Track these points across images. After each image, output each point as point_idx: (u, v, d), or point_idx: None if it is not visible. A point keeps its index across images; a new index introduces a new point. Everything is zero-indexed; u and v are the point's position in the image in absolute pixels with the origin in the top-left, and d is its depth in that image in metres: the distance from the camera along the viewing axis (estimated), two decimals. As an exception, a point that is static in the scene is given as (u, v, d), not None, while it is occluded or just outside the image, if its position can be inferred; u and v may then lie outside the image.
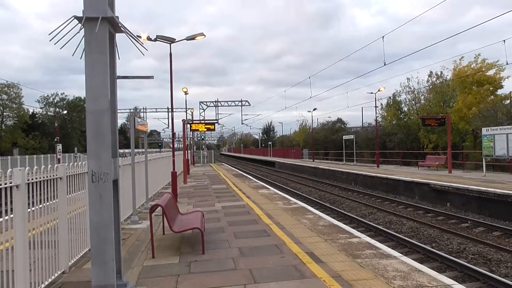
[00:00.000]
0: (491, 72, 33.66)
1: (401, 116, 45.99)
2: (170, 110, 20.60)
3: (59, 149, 42.85)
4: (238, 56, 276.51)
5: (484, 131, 21.06)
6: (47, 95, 76.77)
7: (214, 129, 33.29)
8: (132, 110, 70.48)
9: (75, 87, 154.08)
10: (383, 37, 21.54)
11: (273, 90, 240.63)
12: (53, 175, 5.61)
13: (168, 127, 61.92)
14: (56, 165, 5.81)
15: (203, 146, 66.30)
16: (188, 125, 32.07)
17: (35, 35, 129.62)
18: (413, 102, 44.43)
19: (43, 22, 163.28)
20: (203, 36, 18.06)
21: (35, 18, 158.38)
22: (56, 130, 57.04)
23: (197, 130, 32.40)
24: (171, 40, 17.32)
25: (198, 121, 35.61)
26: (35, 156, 44.88)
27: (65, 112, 70.99)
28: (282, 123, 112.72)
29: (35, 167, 5.13)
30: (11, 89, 63.36)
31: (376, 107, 36.27)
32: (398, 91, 46.12)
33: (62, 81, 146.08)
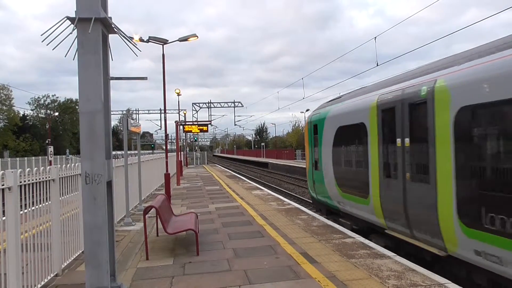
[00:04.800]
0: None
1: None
2: (163, 111, 20.62)
3: (51, 151, 42.46)
4: (235, 57, 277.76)
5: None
6: (38, 97, 76.15)
7: (207, 131, 33.28)
8: (124, 112, 70.09)
9: (70, 88, 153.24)
10: (375, 38, 21.61)
11: (269, 91, 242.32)
12: (46, 177, 5.56)
13: (161, 129, 61.74)
14: (48, 167, 5.76)
15: (196, 148, 66.13)
16: (181, 127, 31.97)
17: (31, 37, 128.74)
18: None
19: (41, 24, 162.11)
20: (196, 37, 18.03)
21: (32, 19, 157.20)
22: (47, 132, 56.53)
23: (190, 131, 32.34)
24: (163, 41, 17.27)
25: (191, 123, 35.51)
26: (26, 158, 44.42)
27: (56, 114, 70.39)
28: (275, 124, 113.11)
29: (28, 169, 5.07)
30: (1, 91, 62.68)
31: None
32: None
33: (57, 83, 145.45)
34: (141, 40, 16.18)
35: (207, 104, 52.14)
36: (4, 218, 4.42)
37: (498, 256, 5.06)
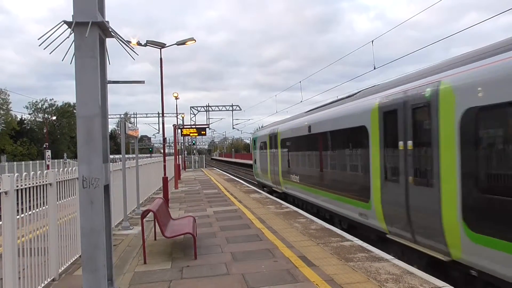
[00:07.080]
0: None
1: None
2: (161, 115, 20.49)
3: (48, 155, 42.38)
4: (235, 61, 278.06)
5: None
6: (36, 101, 76.07)
7: (205, 134, 33.09)
8: (122, 116, 69.95)
9: (69, 92, 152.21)
10: (372, 41, 21.66)
11: (267, 94, 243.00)
12: (43, 181, 5.55)
13: (158, 132, 61.65)
14: (46, 171, 5.74)
15: (194, 151, 66.06)
16: (179, 130, 31.91)
17: (30, 41, 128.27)
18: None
19: (41, 27, 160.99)
20: (194, 41, 18.06)
21: (33, 23, 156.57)
22: (45, 136, 56.38)
23: (188, 135, 32.21)
24: (161, 45, 17.30)
25: (189, 126, 35.42)
26: (23, 162, 44.33)
27: (54, 118, 70.24)
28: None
29: (25, 173, 5.06)
30: (-2, 95, 62.56)
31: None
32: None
33: (56, 87, 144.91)
34: (138, 44, 16.20)
35: (205, 108, 52.07)
36: (0, 222, 4.40)
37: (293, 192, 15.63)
